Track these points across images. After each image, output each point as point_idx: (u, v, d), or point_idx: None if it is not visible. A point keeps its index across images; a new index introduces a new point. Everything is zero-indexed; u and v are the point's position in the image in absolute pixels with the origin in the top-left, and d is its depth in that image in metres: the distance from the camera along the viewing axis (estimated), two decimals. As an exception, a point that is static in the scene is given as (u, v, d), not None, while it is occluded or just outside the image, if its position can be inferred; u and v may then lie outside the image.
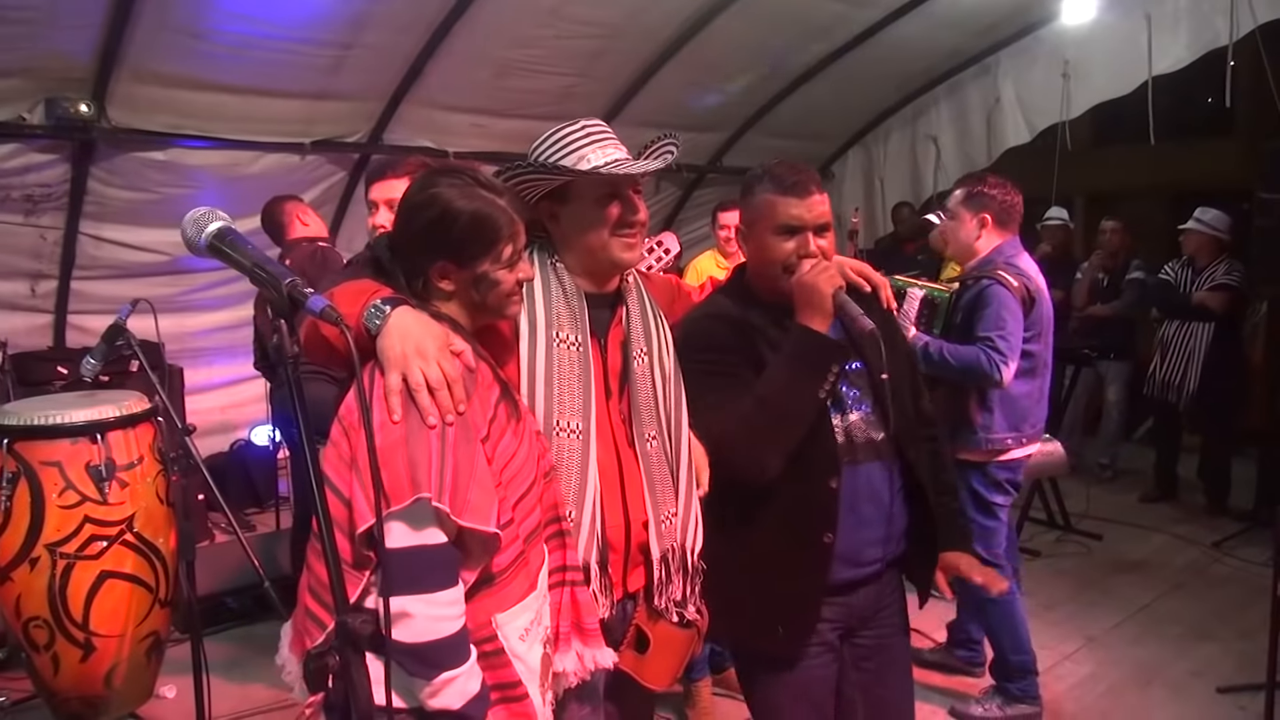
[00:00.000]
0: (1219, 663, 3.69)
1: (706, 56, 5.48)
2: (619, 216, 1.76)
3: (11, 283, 4.50)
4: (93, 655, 2.87)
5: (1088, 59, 5.77)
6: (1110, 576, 4.66)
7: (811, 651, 1.97)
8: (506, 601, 1.52)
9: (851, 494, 1.90)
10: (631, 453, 1.81)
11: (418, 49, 4.64)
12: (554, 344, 1.74)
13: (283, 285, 1.30)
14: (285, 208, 3.95)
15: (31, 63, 3.82)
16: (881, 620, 2.06)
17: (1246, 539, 5.06)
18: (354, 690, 1.32)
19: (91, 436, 2.86)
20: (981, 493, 3.25)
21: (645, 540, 1.79)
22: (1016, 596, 3.30)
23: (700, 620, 1.88)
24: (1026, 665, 3.27)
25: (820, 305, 1.83)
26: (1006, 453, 3.23)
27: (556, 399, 1.72)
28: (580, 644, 1.67)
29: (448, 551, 1.44)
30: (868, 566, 1.97)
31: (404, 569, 1.40)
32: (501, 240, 1.56)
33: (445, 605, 1.42)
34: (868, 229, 7.18)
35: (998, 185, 3.25)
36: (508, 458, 1.53)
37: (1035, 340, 3.20)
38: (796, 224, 1.88)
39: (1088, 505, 5.38)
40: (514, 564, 1.53)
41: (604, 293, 1.85)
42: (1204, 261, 5.54)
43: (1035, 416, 3.29)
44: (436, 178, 1.59)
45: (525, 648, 1.54)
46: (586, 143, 1.75)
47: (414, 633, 1.39)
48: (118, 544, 2.87)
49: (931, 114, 6.91)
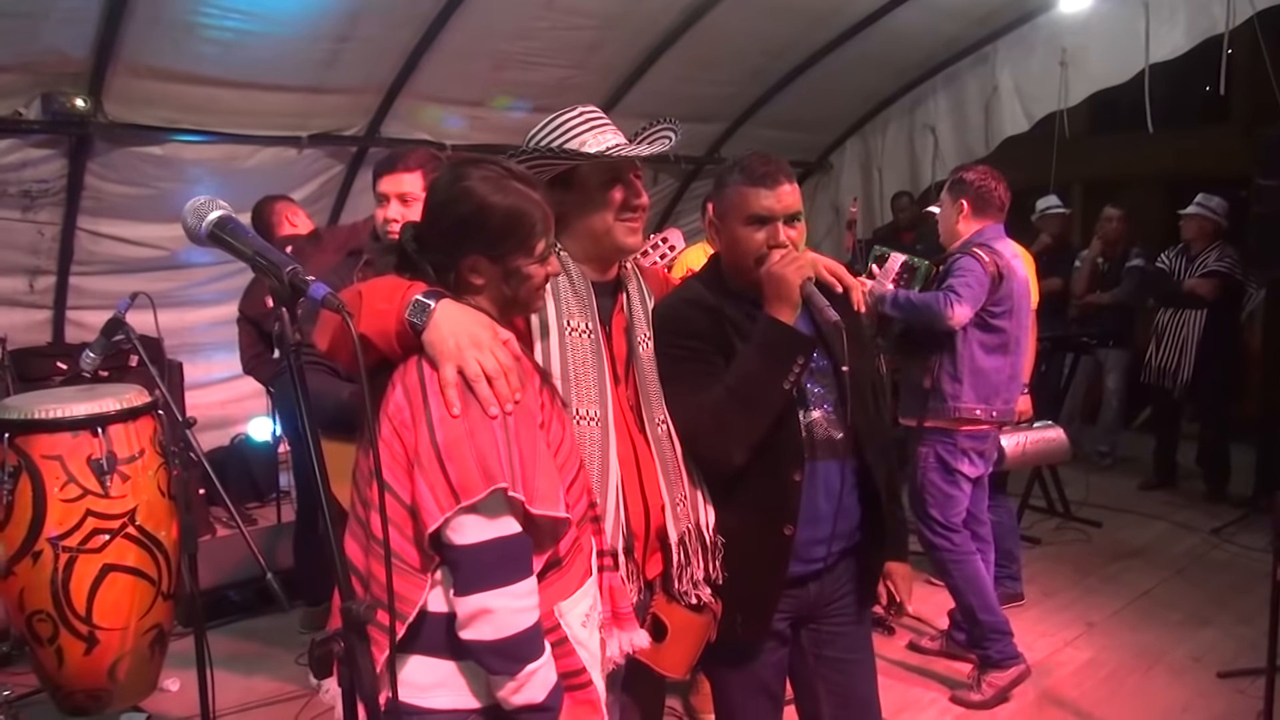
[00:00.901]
0: (1219, 648, 3.70)
1: (704, 47, 5.47)
2: (623, 200, 1.77)
3: (10, 279, 4.50)
4: (96, 648, 2.87)
5: (1085, 47, 5.77)
6: (1110, 564, 4.67)
7: (764, 642, 2.00)
8: (568, 589, 1.51)
9: (808, 490, 1.91)
10: (643, 438, 1.81)
11: (414, 42, 4.64)
12: (567, 333, 1.74)
13: (284, 273, 1.29)
14: (275, 207, 3.98)
15: (27, 57, 3.81)
16: (838, 610, 2.06)
17: (1245, 525, 5.08)
18: (358, 676, 1.32)
19: (92, 430, 2.85)
20: (945, 457, 3.39)
21: (663, 525, 1.80)
22: (979, 557, 3.45)
23: (715, 605, 1.89)
24: (999, 626, 3.35)
25: (788, 296, 1.83)
26: (975, 424, 3.37)
27: (575, 388, 1.72)
28: (618, 630, 1.67)
29: (523, 540, 1.42)
30: (814, 563, 1.97)
31: (483, 563, 1.38)
32: (536, 235, 1.53)
33: (524, 596, 1.40)
34: (865, 219, 7.17)
35: (978, 172, 3.44)
36: (558, 444, 1.52)
37: (1005, 316, 3.34)
38: (766, 214, 1.88)
39: (1087, 493, 5.39)
40: (572, 550, 1.52)
41: (606, 280, 1.85)
42: (1199, 248, 5.56)
43: (1007, 393, 3.41)
44: (467, 170, 1.54)
45: (587, 634, 1.53)
46: (585, 129, 1.75)
47: (497, 628, 1.37)
48: (120, 537, 2.87)
49: (929, 103, 6.90)
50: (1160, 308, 5.79)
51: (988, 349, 3.34)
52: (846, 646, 2.07)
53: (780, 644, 2.04)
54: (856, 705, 2.08)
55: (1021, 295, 3.40)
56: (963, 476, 3.42)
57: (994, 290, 3.28)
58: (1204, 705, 3.29)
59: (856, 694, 2.08)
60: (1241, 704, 3.26)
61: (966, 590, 3.38)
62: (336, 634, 1.33)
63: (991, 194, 3.40)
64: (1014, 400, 3.48)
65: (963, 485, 3.44)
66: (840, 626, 2.07)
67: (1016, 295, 3.36)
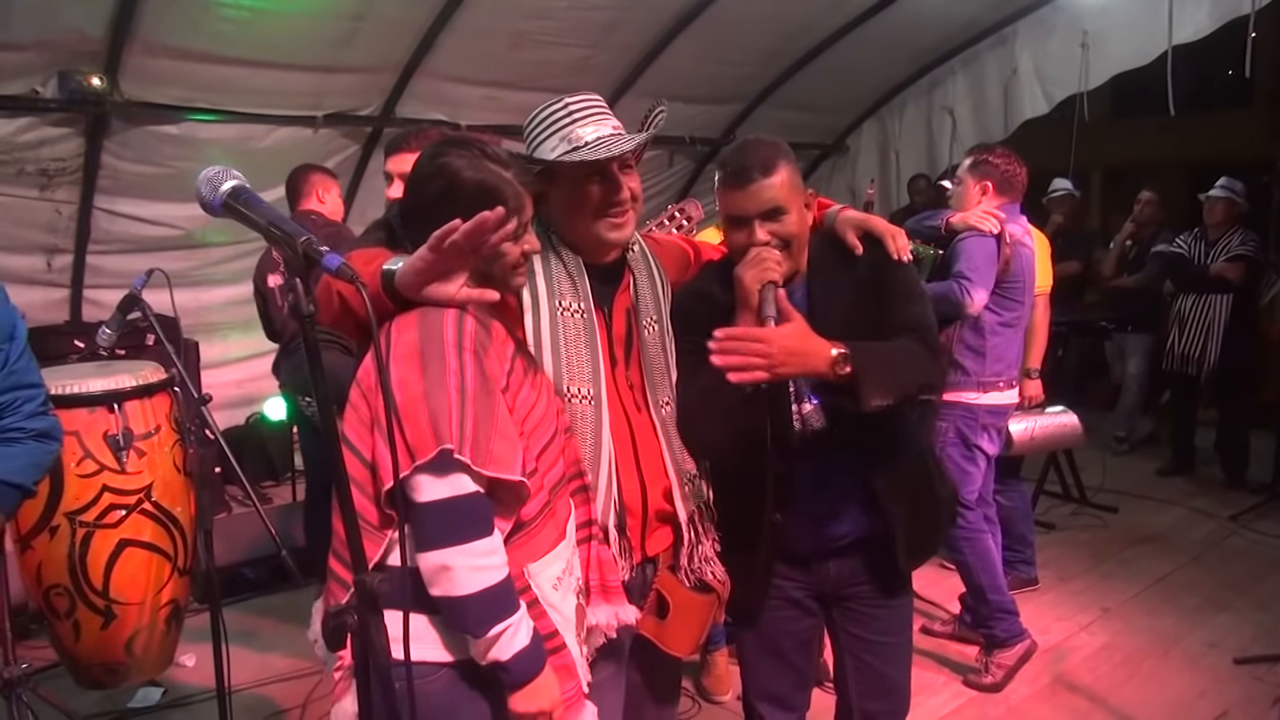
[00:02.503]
0: (1236, 633, 3.67)
1: (720, 28, 5.43)
2: (601, 197, 1.75)
3: (28, 257, 4.52)
4: (113, 622, 2.90)
5: (1106, 29, 5.68)
6: (1126, 549, 4.64)
7: (774, 605, 2.02)
8: (537, 551, 1.54)
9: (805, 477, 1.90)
10: (643, 418, 1.82)
11: (430, 20, 4.62)
12: (558, 312, 1.76)
13: (298, 243, 1.29)
14: (311, 178, 3.85)
15: (44, 35, 3.81)
16: (866, 592, 2.06)
17: (1264, 512, 5.04)
18: (372, 649, 1.33)
19: (109, 406, 2.87)
20: (965, 432, 3.41)
21: (663, 505, 1.81)
22: (990, 536, 3.50)
23: (721, 587, 1.89)
24: (1005, 605, 3.40)
25: (747, 301, 1.80)
26: (995, 390, 3.42)
27: (565, 366, 1.74)
28: (605, 601, 1.70)
29: (480, 500, 1.44)
30: (830, 543, 1.97)
31: (437, 522, 1.41)
32: (506, 212, 1.53)
33: (484, 555, 1.42)
34: (882, 202, 7.11)
35: (1002, 156, 3.46)
36: (528, 408, 1.55)
37: (1018, 292, 3.39)
38: (740, 214, 1.84)
39: (1104, 479, 5.35)
40: (541, 513, 1.55)
41: (606, 263, 1.85)
42: (1219, 232, 5.48)
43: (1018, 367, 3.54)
44: (446, 149, 1.60)
45: (559, 597, 1.56)
46: (569, 121, 1.73)
47: (457, 585, 1.41)
48: (136, 513, 2.90)
49: (948, 85, 6.83)
50: (1181, 293, 5.71)
51: (1005, 322, 3.39)
52: (878, 629, 2.06)
53: (803, 615, 2.05)
54: (882, 686, 2.08)
55: (1029, 273, 3.44)
56: (981, 453, 3.44)
57: (1005, 265, 3.32)
58: (1220, 691, 3.26)
59: (884, 675, 2.08)
60: (1258, 690, 3.24)
61: (977, 568, 3.40)
62: (350, 606, 1.34)
63: (1016, 178, 3.44)
64: (1015, 369, 3.52)
65: (979, 461, 3.46)
66: (870, 608, 2.06)
67: (1024, 273, 3.40)
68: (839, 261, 1.94)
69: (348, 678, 1.50)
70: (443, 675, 1.49)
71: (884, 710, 2.10)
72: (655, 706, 1.98)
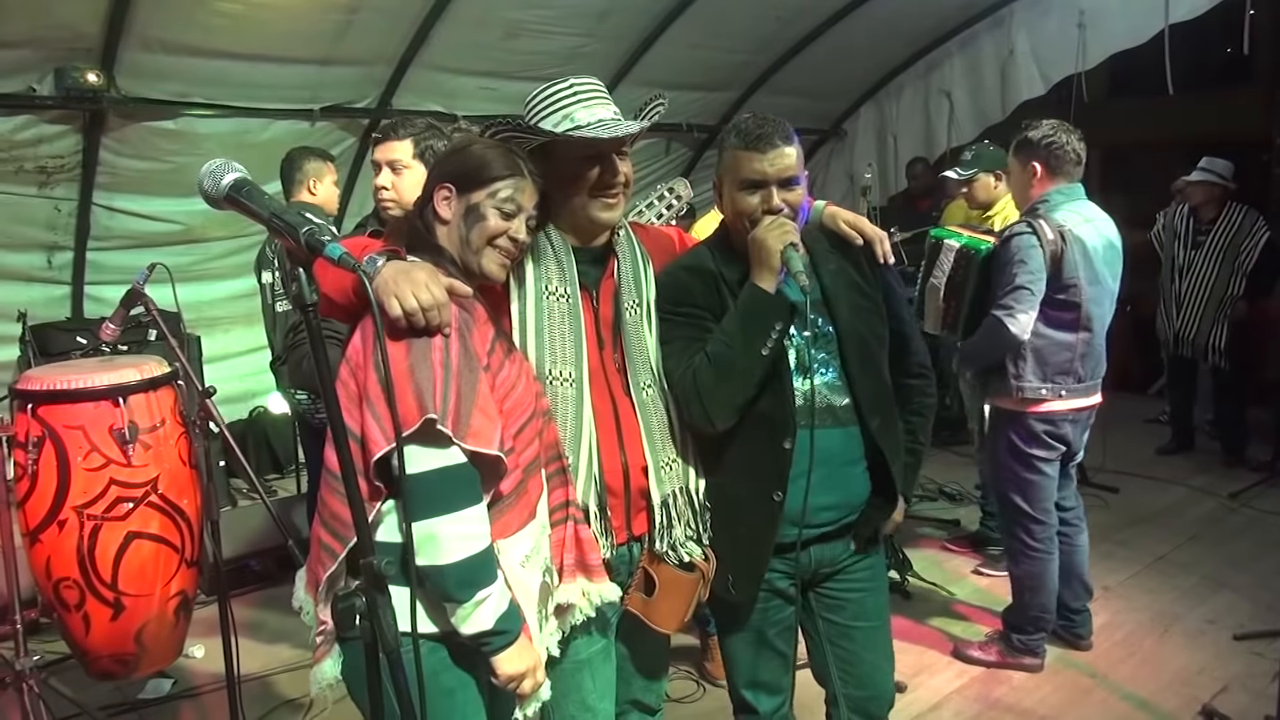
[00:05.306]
0: (1235, 610, 3.70)
1: (715, 14, 5.42)
2: (598, 178, 1.78)
3: (29, 254, 4.54)
4: (123, 614, 2.92)
5: (1103, 8, 5.69)
6: (1127, 528, 4.66)
7: (760, 597, 2.02)
8: (508, 528, 1.59)
9: (803, 457, 1.87)
10: (628, 400, 1.85)
11: (424, 11, 4.62)
12: (543, 296, 1.79)
13: (300, 233, 1.31)
14: (305, 166, 3.65)
15: (39, 32, 3.82)
16: (846, 576, 2.07)
17: (1263, 490, 5.06)
18: (381, 631, 1.35)
19: (114, 400, 2.88)
20: (1018, 443, 3.19)
21: (646, 485, 1.84)
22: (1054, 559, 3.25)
23: (706, 565, 1.92)
24: (1042, 624, 3.28)
25: (767, 261, 1.83)
26: (1041, 403, 3.14)
27: (548, 349, 1.78)
28: (585, 580, 1.73)
29: (469, 471, 1.50)
30: (816, 528, 1.97)
31: (428, 490, 1.47)
32: (499, 178, 1.65)
33: (470, 523, 1.48)
34: (880, 186, 7.12)
35: (1040, 129, 3.15)
36: (508, 388, 1.61)
37: (1072, 291, 3.06)
38: (759, 178, 1.87)
39: (1104, 458, 5.36)
40: (514, 492, 1.60)
41: (594, 247, 1.88)
42: (1213, 213, 5.36)
43: (1083, 371, 3.15)
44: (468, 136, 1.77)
45: (524, 574, 1.61)
46: (572, 101, 1.76)
47: (444, 553, 1.46)
48: (143, 505, 2.90)
49: (944, 68, 6.83)
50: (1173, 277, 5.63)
51: (1054, 325, 3.08)
52: (854, 613, 2.08)
53: (787, 603, 2.05)
54: (863, 670, 2.09)
55: (1094, 264, 3.08)
56: (1039, 460, 3.19)
57: (1055, 267, 3.02)
58: (1220, 667, 3.29)
59: (864, 660, 2.09)
60: (1258, 665, 3.26)
61: (1024, 587, 3.27)
62: (359, 588, 1.37)
63: (1064, 149, 3.10)
64: (1089, 376, 3.17)
65: (1040, 468, 3.20)
66: (848, 593, 2.08)
67: (1083, 265, 3.06)
68: (829, 245, 2.02)
69: (329, 641, 1.57)
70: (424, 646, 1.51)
71: (868, 697, 2.10)
72: (644, 679, 2.02)
